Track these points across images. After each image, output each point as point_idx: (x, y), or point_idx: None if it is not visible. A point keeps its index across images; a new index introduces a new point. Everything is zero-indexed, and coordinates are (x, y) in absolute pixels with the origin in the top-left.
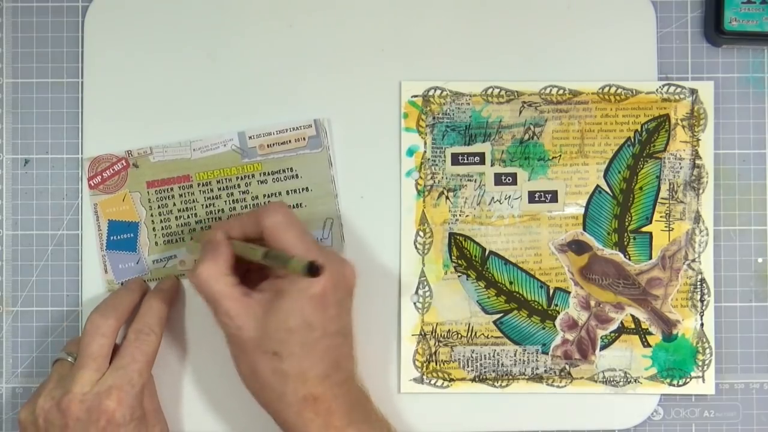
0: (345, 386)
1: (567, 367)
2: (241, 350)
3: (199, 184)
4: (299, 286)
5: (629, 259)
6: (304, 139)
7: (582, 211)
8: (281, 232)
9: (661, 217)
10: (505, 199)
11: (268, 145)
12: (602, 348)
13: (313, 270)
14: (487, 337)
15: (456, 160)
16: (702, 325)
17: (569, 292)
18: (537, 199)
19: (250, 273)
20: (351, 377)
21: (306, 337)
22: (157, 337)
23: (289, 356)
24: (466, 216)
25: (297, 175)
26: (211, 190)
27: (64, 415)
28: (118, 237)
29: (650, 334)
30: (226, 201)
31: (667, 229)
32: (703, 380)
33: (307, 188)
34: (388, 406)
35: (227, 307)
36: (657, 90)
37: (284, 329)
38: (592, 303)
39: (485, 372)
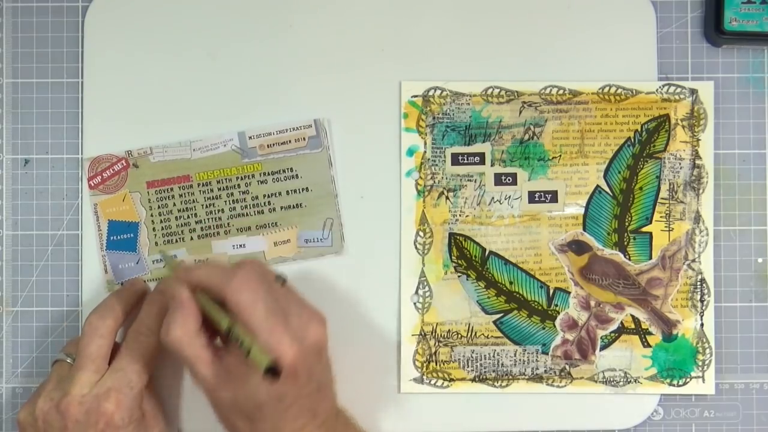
0: (323, 428)
1: (567, 367)
2: (218, 408)
3: (199, 184)
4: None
5: (629, 259)
6: (304, 139)
7: (582, 211)
8: (246, 313)
9: (661, 217)
10: (505, 199)
11: (268, 145)
12: (602, 348)
13: (272, 372)
14: (487, 337)
15: (456, 160)
16: (702, 325)
17: (569, 292)
18: (537, 199)
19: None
20: (330, 416)
21: (277, 407)
22: (157, 338)
23: (262, 420)
24: (466, 216)
25: (297, 175)
26: (211, 191)
27: (63, 417)
28: (118, 237)
29: (650, 334)
30: (226, 201)
31: (667, 229)
32: (703, 380)
33: (307, 188)
34: (388, 406)
35: (202, 372)
36: (657, 90)
37: (254, 402)
38: (592, 303)
39: (485, 372)
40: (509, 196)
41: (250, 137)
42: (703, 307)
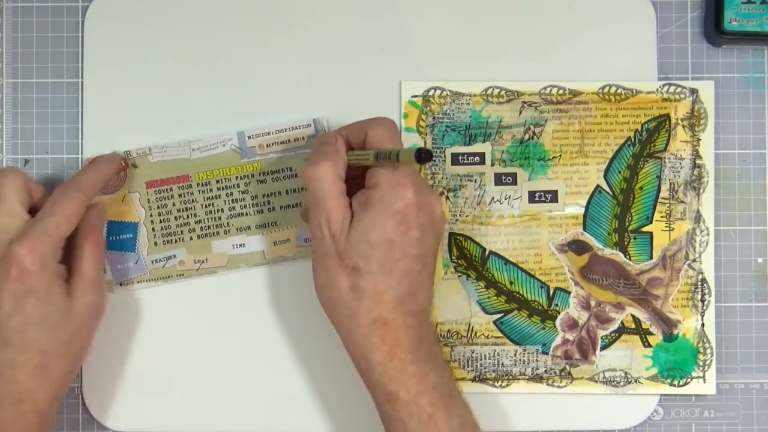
0: (417, 319)
1: (567, 367)
2: (323, 261)
3: (198, 184)
4: (385, 200)
5: (629, 259)
6: (303, 138)
7: (582, 211)
8: (384, 143)
9: (661, 216)
10: (505, 199)
11: (267, 145)
12: (603, 348)
13: (423, 155)
14: (487, 337)
15: (456, 160)
16: (703, 325)
17: (569, 292)
18: (537, 199)
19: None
20: (425, 312)
21: (386, 255)
22: (84, 196)
23: (368, 273)
24: (466, 216)
25: (296, 174)
26: (210, 190)
27: None
28: (118, 237)
29: (651, 334)
30: (225, 201)
31: (668, 228)
32: (704, 380)
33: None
34: None
35: (330, 210)
36: (657, 90)
37: (365, 242)
38: (593, 303)
39: (485, 372)
40: (509, 196)
41: (249, 137)
42: (704, 307)
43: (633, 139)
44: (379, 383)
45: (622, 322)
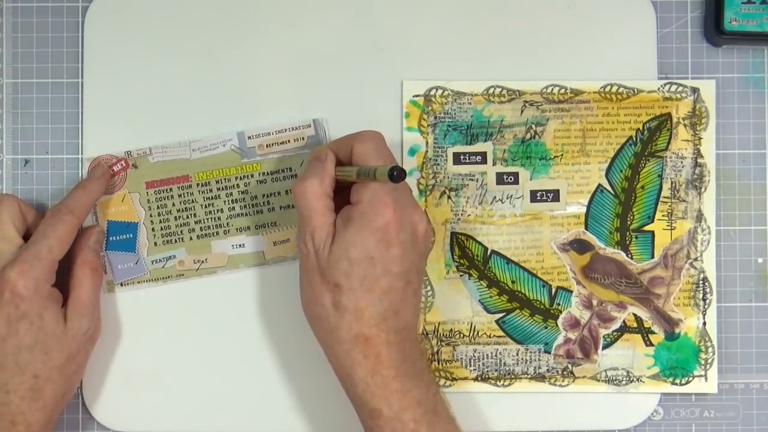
0: (400, 335)
1: (569, 366)
2: (307, 277)
3: (198, 185)
4: (366, 217)
5: (631, 258)
6: (303, 138)
7: (584, 210)
8: (369, 158)
9: (663, 216)
10: (507, 198)
11: (267, 145)
12: (604, 347)
13: (395, 174)
14: (490, 337)
15: (458, 159)
16: (704, 323)
17: (571, 291)
18: (539, 198)
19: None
20: (409, 329)
21: (367, 272)
22: (75, 218)
23: (349, 290)
24: (468, 215)
25: (296, 175)
26: (210, 191)
27: None
28: (118, 237)
29: (653, 333)
30: (225, 201)
31: (669, 227)
32: (706, 379)
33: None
34: None
35: (315, 227)
36: (659, 89)
37: (346, 259)
38: (595, 302)
39: (487, 371)
40: (511, 195)
41: (249, 137)
42: (706, 306)
43: (634, 138)
44: (362, 399)
45: (623, 321)
